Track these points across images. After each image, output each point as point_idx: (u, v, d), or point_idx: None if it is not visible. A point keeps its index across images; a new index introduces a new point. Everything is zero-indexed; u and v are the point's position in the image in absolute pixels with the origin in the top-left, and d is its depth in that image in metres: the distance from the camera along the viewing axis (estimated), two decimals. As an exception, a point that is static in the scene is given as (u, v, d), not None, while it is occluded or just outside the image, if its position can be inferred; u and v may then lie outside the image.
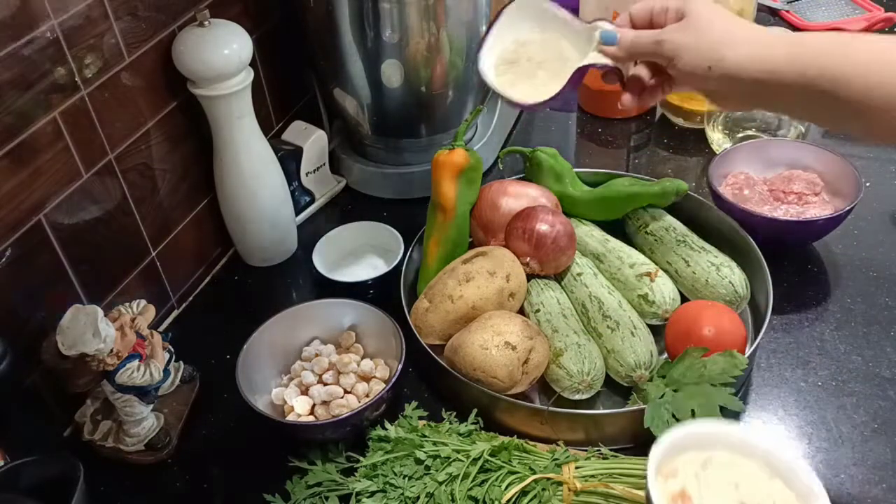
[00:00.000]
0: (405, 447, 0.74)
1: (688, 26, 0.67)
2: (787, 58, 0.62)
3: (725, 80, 0.65)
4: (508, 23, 0.76)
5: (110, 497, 0.78)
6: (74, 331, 0.71)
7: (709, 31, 0.65)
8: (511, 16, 0.77)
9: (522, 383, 0.78)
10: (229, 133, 0.90)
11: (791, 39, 0.64)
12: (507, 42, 0.76)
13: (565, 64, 0.74)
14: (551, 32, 0.76)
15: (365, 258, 0.99)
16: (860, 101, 0.60)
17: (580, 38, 0.74)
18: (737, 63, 0.64)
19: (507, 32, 0.76)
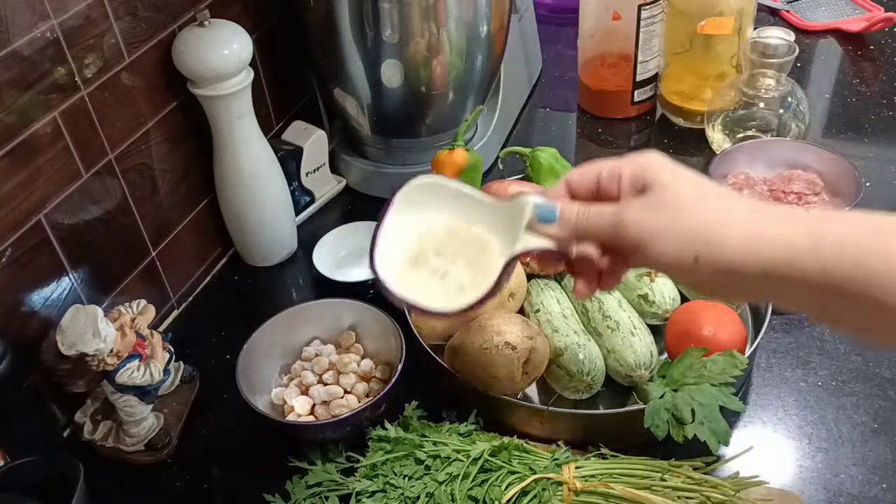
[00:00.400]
0: (405, 447, 0.74)
1: (658, 203, 0.50)
2: (807, 247, 0.47)
3: (719, 274, 0.49)
4: (402, 213, 0.60)
5: (110, 497, 0.78)
6: (74, 331, 0.71)
7: (690, 209, 0.50)
8: (403, 204, 0.60)
9: (522, 383, 0.78)
10: (229, 133, 0.90)
11: (804, 220, 0.48)
12: (405, 238, 0.60)
13: (484, 252, 0.58)
14: (458, 216, 0.60)
15: (365, 258, 0.99)
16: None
17: (498, 217, 0.58)
18: (735, 252, 0.48)
19: (403, 226, 0.60)
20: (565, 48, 1.38)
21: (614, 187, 0.53)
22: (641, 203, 0.51)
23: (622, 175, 0.53)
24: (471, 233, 0.59)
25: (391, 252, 0.60)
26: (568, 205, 0.55)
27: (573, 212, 0.54)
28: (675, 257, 0.49)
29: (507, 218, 0.57)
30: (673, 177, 0.51)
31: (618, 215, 0.52)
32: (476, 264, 0.58)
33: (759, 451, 0.74)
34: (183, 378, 0.85)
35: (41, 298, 0.77)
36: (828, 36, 1.36)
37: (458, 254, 0.59)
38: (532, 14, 1.26)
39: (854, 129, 1.16)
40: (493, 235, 0.59)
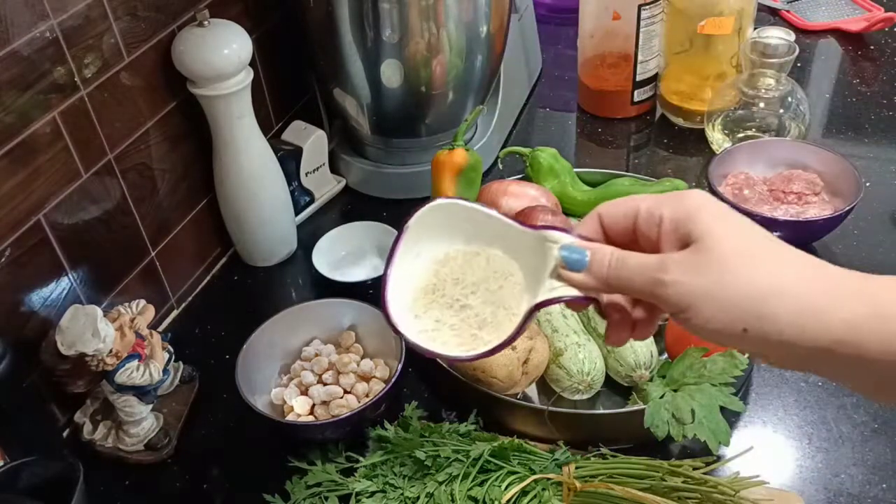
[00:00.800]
0: (405, 447, 0.74)
1: (703, 262, 0.45)
2: (869, 323, 0.43)
3: (769, 347, 0.45)
4: (416, 240, 0.54)
5: (110, 497, 0.78)
6: (74, 331, 0.71)
7: (738, 272, 0.44)
8: (418, 229, 0.54)
9: (522, 383, 0.78)
10: (229, 133, 0.90)
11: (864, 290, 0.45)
12: (419, 267, 0.55)
13: (506, 281, 0.53)
14: (477, 241, 0.55)
15: (365, 258, 0.99)
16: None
17: (522, 244, 0.53)
18: (788, 327, 0.43)
19: (418, 253, 0.55)
20: (565, 48, 1.38)
21: (653, 231, 0.48)
22: (684, 260, 0.45)
23: (662, 219, 0.47)
24: (491, 260, 0.54)
25: (405, 282, 0.55)
26: (600, 251, 0.49)
27: (604, 262, 0.48)
28: (721, 328, 0.45)
29: (532, 249, 0.52)
30: (720, 226, 0.45)
31: (658, 275, 0.46)
32: (497, 295, 0.53)
33: (759, 451, 0.74)
34: (182, 378, 0.85)
35: (40, 298, 0.77)
36: (828, 36, 1.36)
37: (478, 283, 0.54)
38: (532, 14, 1.26)
39: (854, 129, 1.16)
40: (515, 263, 0.54)
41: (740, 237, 0.45)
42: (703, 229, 0.45)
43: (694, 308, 0.45)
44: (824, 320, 0.43)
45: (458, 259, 0.55)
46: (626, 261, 0.47)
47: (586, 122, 1.23)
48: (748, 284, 0.44)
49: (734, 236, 0.45)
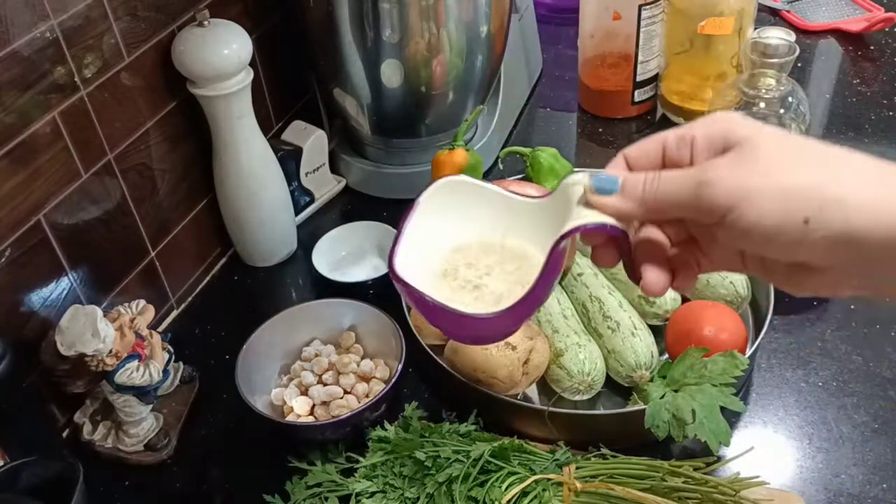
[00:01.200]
0: (405, 448, 0.74)
1: (752, 158, 0.41)
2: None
3: (835, 243, 0.39)
4: (426, 218, 0.52)
5: (110, 497, 0.78)
6: (73, 331, 0.71)
7: (793, 167, 0.40)
8: (428, 207, 0.52)
9: (522, 384, 0.78)
10: (229, 133, 0.90)
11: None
12: (429, 249, 0.52)
13: (523, 262, 0.51)
14: (491, 224, 0.52)
15: (365, 258, 0.99)
16: None
17: (541, 218, 0.50)
18: (860, 213, 0.38)
19: (427, 234, 0.52)
20: (565, 48, 1.38)
21: (686, 155, 0.44)
22: (730, 160, 0.41)
23: (695, 138, 0.44)
24: (506, 243, 0.52)
25: (415, 262, 0.51)
26: (632, 175, 0.45)
27: (639, 179, 0.44)
28: (779, 220, 0.39)
29: (552, 216, 0.48)
30: (761, 131, 0.42)
31: (701, 176, 0.41)
32: (513, 276, 0.50)
33: (759, 452, 0.74)
34: (182, 378, 0.84)
35: (40, 298, 0.77)
36: (828, 36, 1.36)
37: (493, 265, 0.51)
38: (532, 14, 1.26)
39: (854, 129, 1.16)
40: (531, 246, 0.51)
41: (785, 137, 0.42)
42: (742, 135, 0.42)
43: (745, 203, 0.40)
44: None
45: (471, 245, 0.52)
46: (663, 176, 0.44)
47: (587, 122, 1.23)
48: (807, 172, 0.40)
49: (779, 136, 0.42)
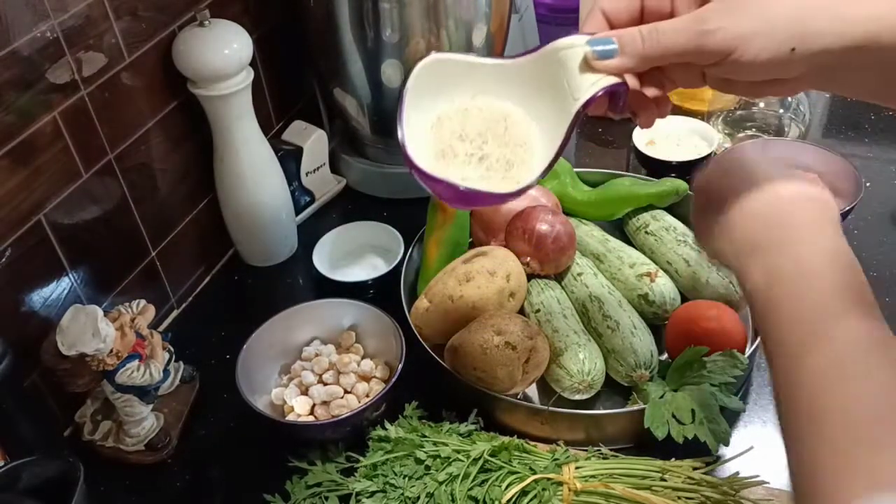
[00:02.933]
0: (405, 447, 0.74)
1: (741, 3, 0.47)
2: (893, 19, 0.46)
3: (811, 63, 0.47)
4: (416, 106, 0.53)
5: (110, 497, 0.78)
6: (74, 331, 0.71)
7: (774, 1, 0.47)
8: (415, 96, 0.52)
9: (522, 383, 0.78)
10: (229, 133, 0.90)
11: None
12: (421, 134, 0.53)
13: (508, 121, 0.52)
14: (466, 91, 0.53)
15: (365, 258, 0.99)
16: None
17: (519, 78, 0.52)
18: (828, 35, 0.46)
19: (418, 120, 0.53)
20: (565, 48, 1.38)
21: (665, 4, 0.49)
22: (720, 6, 0.47)
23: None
24: (484, 109, 0.53)
25: (418, 151, 0.52)
26: (626, 32, 0.49)
27: (636, 36, 0.48)
28: (772, 55, 0.47)
29: (534, 76, 0.50)
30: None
31: (702, 25, 0.47)
32: (507, 136, 0.52)
33: (759, 451, 0.74)
34: (183, 378, 0.84)
35: (41, 298, 0.77)
36: (828, 36, 1.36)
37: (483, 132, 0.53)
38: (532, 14, 1.26)
39: (854, 129, 1.16)
40: (507, 102, 0.52)
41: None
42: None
43: (742, 46, 0.46)
44: (856, 22, 0.46)
45: (451, 118, 0.53)
46: (658, 28, 0.48)
47: (586, 122, 1.23)
48: (789, 7, 0.46)
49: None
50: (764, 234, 0.49)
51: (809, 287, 0.46)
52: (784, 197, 0.50)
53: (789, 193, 0.51)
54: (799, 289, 0.46)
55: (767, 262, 0.48)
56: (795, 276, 0.46)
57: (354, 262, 0.99)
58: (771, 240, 0.49)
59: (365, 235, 1.00)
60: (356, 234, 1.00)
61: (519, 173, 0.52)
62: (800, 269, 0.47)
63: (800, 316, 0.45)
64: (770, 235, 0.49)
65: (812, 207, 0.50)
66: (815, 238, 0.48)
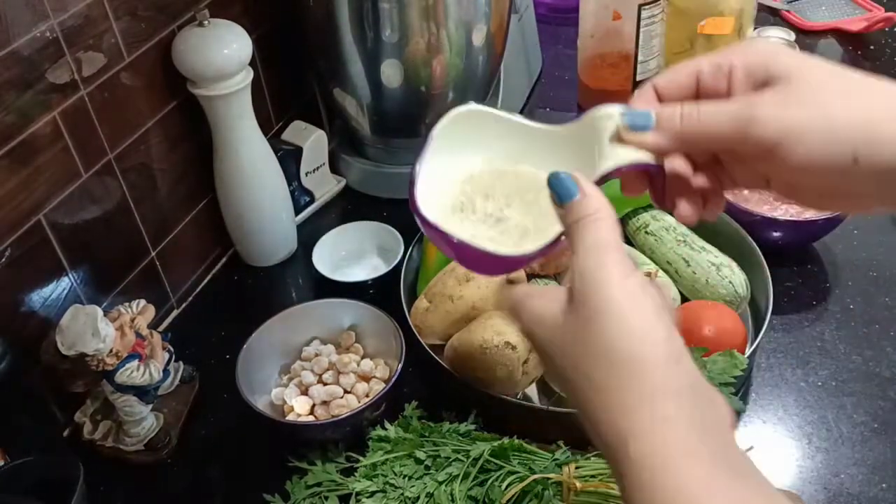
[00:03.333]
0: (405, 447, 0.74)
1: (799, 93, 0.40)
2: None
3: (882, 179, 0.40)
4: (441, 153, 0.51)
5: (110, 497, 0.78)
6: (74, 331, 0.71)
7: (840, 101, 0.40)
8: (442, 142, 0.51)
9: (523, 383, 0.78)
10: (229, 133, 0.90)
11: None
12: (445, 184, 0.51)
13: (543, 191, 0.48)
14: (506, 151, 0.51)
15: (365, 258, 0.99)
16: None
17: (560, 148, 0.49)
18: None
19: (442, 169, 0.51)
20: (565, 48, 1.38)
21: (722, 85, 0.43)
22: (776, 95, 0.41)
23: (733, 67, 0.43)
24: (520, 175, 0.50)
25: (431, 200, 0.50)
26: (667, 107, 0.44)
27: (676, 113, 0.43)
28: (827, 157, 0.40)
29: (574, 147, 0.47)
30: (804, 62, 0.41)
31: (747, 110, 0.41)
32: (534, 206, 0.48)
33: (759, 451, 0.74)
34: (182, 378, 0.84)
35: (41, 298, 0.77)
36: (828, 36, 1.36)
37: (511, 195, 0.49)
38: (532, 14, 1.26)
39: (854, 129, 1.16)
40: (542, 170, 0.48)
41: (831, 70, 0.41)
42: (785, 67, 0.41)
43: (792, 141, 0.40)
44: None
45: (483, 177, 0.50)
46: (703, 109, 0.43)
47: (586, 122, 1.23)
48: (857, 110, 0.40)
49: (824, 68, 0.41)
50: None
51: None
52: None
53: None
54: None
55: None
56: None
57: (354, 262, 0.99)
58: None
59: (365, 235, 1.00)
60: (356, 234, 1.00)
61: (532, 244, 0.47)
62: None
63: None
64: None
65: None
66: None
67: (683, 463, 0.37)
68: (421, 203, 0.50)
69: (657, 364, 0.40)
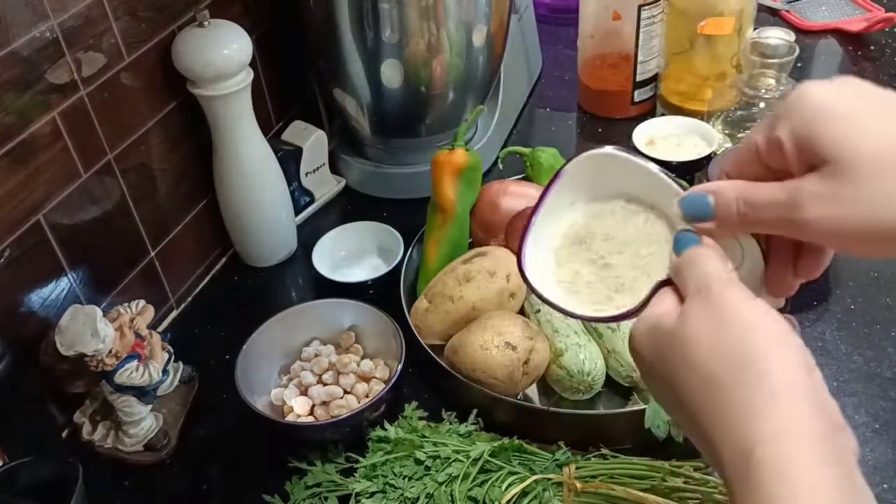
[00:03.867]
0: (405, 448, 0.74)
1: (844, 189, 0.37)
2: None
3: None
4: (574, 186, 0.52)
5: (109, 497, 0.78)
6: (73, 331, 0.71)
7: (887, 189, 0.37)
8: (578, 175, 0.51)
9: (523, 384, 0.78)
10: (229, 133, 0.90)
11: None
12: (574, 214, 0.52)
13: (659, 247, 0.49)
14: (640, 199, 0.50)
15: (365, 258, 0.99)
16: None
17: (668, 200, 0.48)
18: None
19: (574, 200, 0.52)
20: (565, 48, 1.38)
21: (779, 161, 0.41)
22: (821, 190, 0.38)
23: (782, 144, 0.40)
24: (650, 222, 0.50)
25: (555, 226, 0.52)
26: (723, 192, 0.42)
27: (731, 204, 0.42)
28: (881, 252, 0.39)
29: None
30: (850, 135, 0.37)
31: (792, 215, 0.39)
32: (644, 261, 0.49)
33: (759, 452, 0.74)
34: (182, 378, 0.84)
35: (40, 298, 0.77)
36: (828, 36, 1.36)
37: (629, 243, 0.50)
38: (532, 14, 1.26)
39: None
40: (671, 232, 0.48)
41: (879, 141, 0.37)
42: (830, 145, 0.38)
43: (846, 241, 0.39)
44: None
45: (616, 214, 0.51)
46: (754, 198, 0.41)
47: (586, 122, 1.23)
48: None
49: (872, 143, 0.37)
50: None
51: None
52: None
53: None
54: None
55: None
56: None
57: (354, 263, 0.99)
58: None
59: (365, 235, 1.00)
60: (356, 234, 1.00)
61: (622, 300, 0.48)
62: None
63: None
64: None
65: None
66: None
67: (818, 477, 0.35)
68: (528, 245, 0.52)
69: (789, 368, 0.38)
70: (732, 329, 0.39)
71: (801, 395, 0.37)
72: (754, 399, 0.37)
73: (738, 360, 0.38)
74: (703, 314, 0.40)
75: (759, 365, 0.38)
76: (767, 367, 0.37)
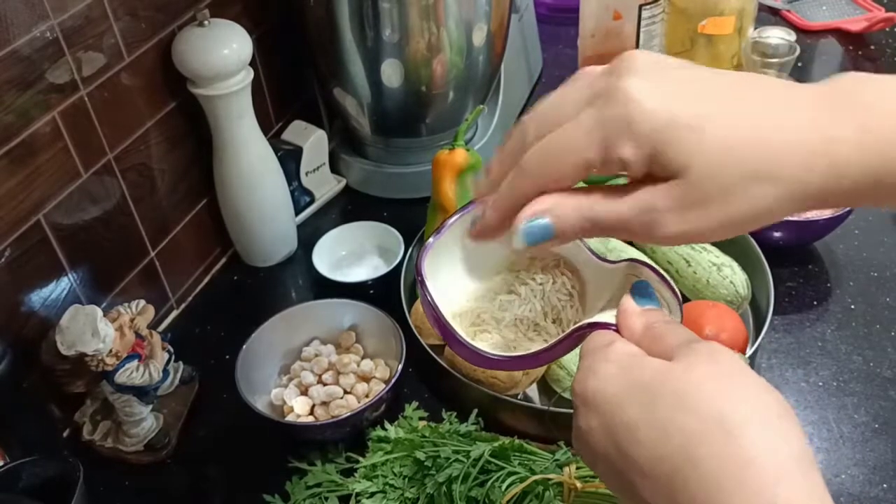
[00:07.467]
0: (405, 448, 0.74)
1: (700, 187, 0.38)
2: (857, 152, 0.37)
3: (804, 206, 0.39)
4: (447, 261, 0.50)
5: (109, 497, 0.78)
6: (73, 331, 0.71)
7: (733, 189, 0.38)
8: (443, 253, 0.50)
9: (523, 384, 0.78)
10: (229, 133, 0.90)
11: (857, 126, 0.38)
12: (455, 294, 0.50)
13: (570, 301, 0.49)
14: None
15: (365, 258, 0.99)
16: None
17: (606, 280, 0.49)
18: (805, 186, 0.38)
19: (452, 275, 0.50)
20: (565, 48, 1.38)
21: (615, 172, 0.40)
22: (676, 202, 0.38)
23: (630, 167, 0.39)
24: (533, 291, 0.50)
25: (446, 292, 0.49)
26: (563, 208, 0.42)
27: (573, 223, 0.42)
28: (721, 238, 0.40)
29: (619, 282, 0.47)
30: (704, 149, 0.37)
31: (649, 227, 0.39)
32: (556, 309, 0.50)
33: (759, 452, 0.74)
34: (182, 378, 0.84)
35: (40, 298, 0.77)
36: (828, 36, 1.36)
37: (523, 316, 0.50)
38: (532, 14, 1.26)
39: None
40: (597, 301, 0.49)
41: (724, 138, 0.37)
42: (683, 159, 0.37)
43: (700, 240, 0.40)
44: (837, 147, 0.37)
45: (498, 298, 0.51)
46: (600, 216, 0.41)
47: (587, 122, 1.23)
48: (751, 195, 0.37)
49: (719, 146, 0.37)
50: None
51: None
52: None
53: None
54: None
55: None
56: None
57: (354, 263, 0.99)
58: None
59: (365, 235, 1.00)
60: (356, 234, 1.00)
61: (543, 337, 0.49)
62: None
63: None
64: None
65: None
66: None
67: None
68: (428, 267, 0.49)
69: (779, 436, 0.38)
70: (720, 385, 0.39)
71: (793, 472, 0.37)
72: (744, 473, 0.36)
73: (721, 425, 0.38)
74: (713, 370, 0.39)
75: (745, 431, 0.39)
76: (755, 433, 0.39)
